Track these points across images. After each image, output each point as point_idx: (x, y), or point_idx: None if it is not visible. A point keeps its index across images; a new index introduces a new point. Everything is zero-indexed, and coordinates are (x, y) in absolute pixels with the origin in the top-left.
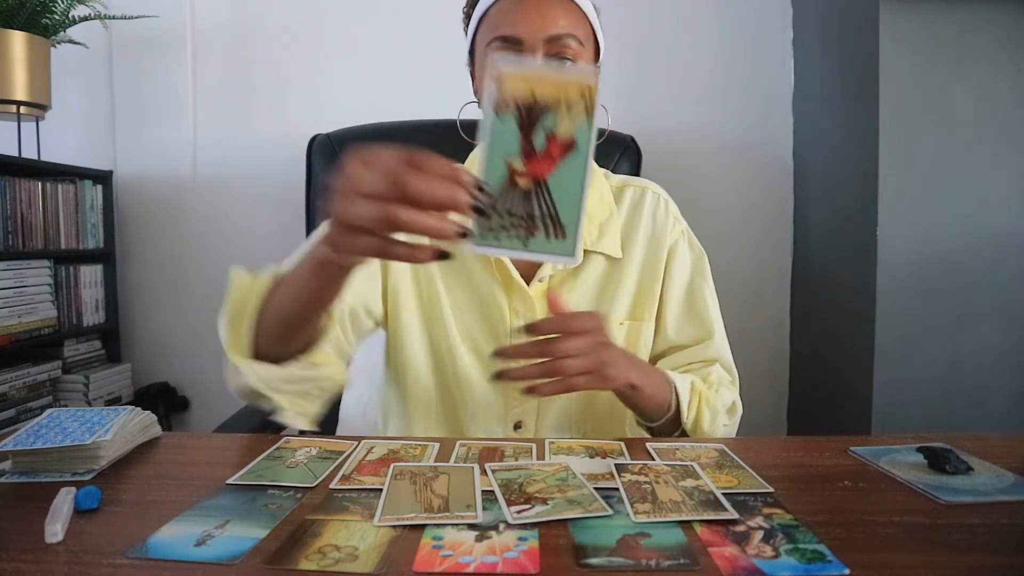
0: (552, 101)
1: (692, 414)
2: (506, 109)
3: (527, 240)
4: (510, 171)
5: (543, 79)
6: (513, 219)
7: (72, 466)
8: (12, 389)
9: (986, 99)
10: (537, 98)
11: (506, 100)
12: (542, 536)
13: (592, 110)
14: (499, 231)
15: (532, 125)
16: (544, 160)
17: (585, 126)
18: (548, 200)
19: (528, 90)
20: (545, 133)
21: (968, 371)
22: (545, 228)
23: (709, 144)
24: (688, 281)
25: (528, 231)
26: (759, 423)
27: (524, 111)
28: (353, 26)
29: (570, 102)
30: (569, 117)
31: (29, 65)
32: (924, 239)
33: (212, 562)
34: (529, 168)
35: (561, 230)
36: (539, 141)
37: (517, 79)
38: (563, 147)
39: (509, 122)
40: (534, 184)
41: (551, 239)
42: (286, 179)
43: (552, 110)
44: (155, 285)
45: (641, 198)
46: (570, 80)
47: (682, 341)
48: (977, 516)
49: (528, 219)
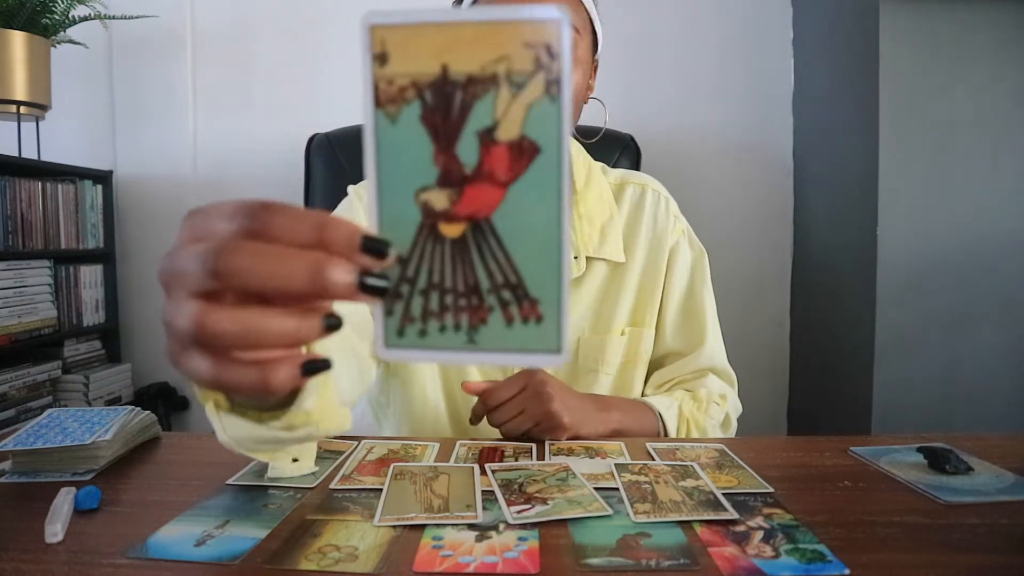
0: (483, 74)
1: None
2: (400, 102)
3: (474, 331)
4: (425, 212)
5: (460, 33)
6: (444, 297)
7: (72, 466)
8: (12, 389)
9: (986, 99)
10: (452, 72)
11: (398, 86)
12: (542, 536)
13: (560, 76)
14: (422, 320)
15: (452, 124)
16: (482, 185)
17: (551, 110)
18: (500, 255)
19: (435, 59)
20: (477, 136)
21: (968, 371)
22: (502, 306)
23: (709, 143)
24: (687, 284)
25: (473, 315)
26: (759, 423)
27: (432, 100)
28: (352, 26)
29: (516, 70)
30: (517, 99)
31: (29, 65)
32: (924, 239)
33: (212, 562)
34: (458, 204)
35: (531, 305)
36: (468, 152)
37: (411, 39)
38: (513, 156)
39: (410, 125)
40: (470, 230)
41: (516, 324)
42: (285, 178)
43: (485, 90)
44: (155, 285)
45: (642, 197)
46: (512, 27)
47: (677, 347)
48: (977, 516)
49: (470, 294)
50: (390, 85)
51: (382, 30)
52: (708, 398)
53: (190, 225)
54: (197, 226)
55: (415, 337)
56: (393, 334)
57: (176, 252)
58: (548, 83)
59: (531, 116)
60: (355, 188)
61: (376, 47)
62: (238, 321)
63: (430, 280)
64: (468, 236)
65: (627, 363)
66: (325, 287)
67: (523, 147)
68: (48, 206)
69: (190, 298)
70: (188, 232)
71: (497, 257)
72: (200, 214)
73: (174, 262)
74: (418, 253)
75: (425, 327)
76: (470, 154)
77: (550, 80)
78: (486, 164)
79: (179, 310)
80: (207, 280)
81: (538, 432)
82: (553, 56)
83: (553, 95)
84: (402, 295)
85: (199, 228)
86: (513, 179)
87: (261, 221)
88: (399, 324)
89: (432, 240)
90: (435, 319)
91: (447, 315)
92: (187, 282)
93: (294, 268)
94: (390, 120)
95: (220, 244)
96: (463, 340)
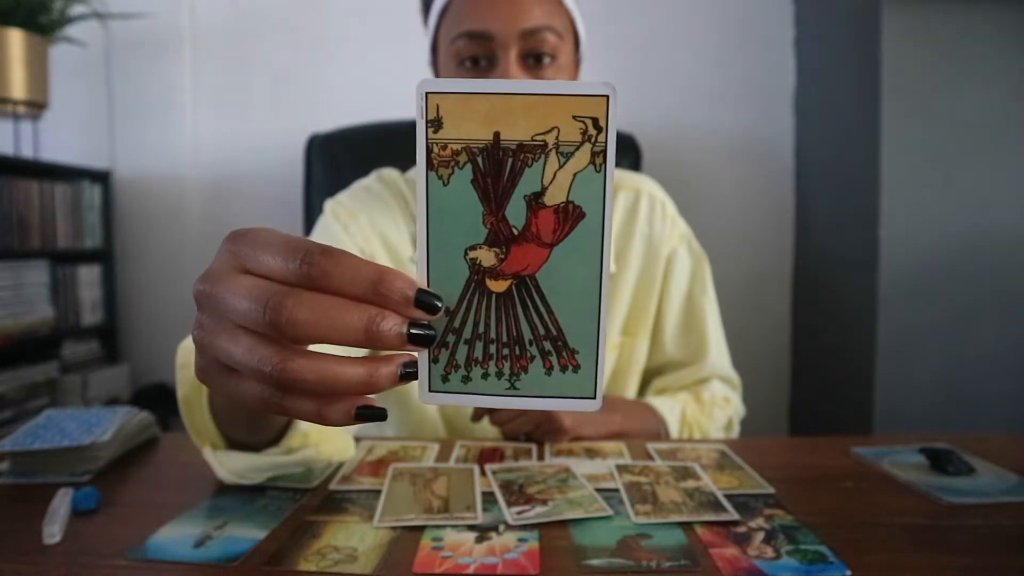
0: (532, 143)
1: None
2: (452, 166)
3: (515, 378)
4: (473, 269)
5: (511, 104)
6: (488, 346)
7: (70, 467)
8: (10, 390)
9: (989, 98)
10: (505, 140)
11: (451, 150)
12: (542, 537)
13: (605, 148)
14: (466, 367)
15: (502, 188)
16: (529, 246)
17: (596, 179)
18: (543, 309)
19: (487, 127)
20: (525, 199)
21: (971, 371)
22: (543, 356)
23: (711, 143)
24: (687, 292)
25: (515, 363)
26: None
27: (485, 165)
28: (352, 25)
29: (565, 140)
30: (564, 168)
31: (27, 64)
32: (926, 238)
33: (211, 563)
34: (505, 262)
35: (570, 356)
36: (516, 215)
37: (465, 107)
38: (559, 220)
39: (461, 187)
40: (515, 287)
41: (554, 372)
42: (284, 178)
43: (534, 158)
44: (154, 285)
45: (635, 203)
46: (562, 101)
47: (678, 356)
48: (979, 517)
49: (513, 344)
50: (443, 150)
51: (437, 97)
52: (712, 401)
53: (234, 251)
54: (244, 255)
55: (458, 383)
56: (438, 380)
57: (221, 280)
58: (594, 154)
59: (577, 183)
60: (332, 207)
61: (431, 113)
62: (316, 371)
63: (475, 331)
64: (513, 291)
65: (619, 372)
66: (378, 340)
67: (569, 212)
68: (46, 205)
69: (245, 333)
70: (233, 259)
71: (540, 311)
72: (246, 243)
73: (219, 290)
74: (465, 306)
75: (469, 374)
76: (518, 216)
77: (596, 151)
78: (533, 226)
79: (234, 341)
80: (265, 327)
81: (539, 434)
82: (599, 129)
83: (598, 165)
84: (448, 344)
85: (247, 258)
86: (558, 241)
87: (321, 269)
88: (443, 371)
89: (479, 294)
90: (479, 366)
91: (490, 363)
92: (239, 318)
93: (351, 323)
94: (442, 182)
95: (280, 293)
96: (504, 386)
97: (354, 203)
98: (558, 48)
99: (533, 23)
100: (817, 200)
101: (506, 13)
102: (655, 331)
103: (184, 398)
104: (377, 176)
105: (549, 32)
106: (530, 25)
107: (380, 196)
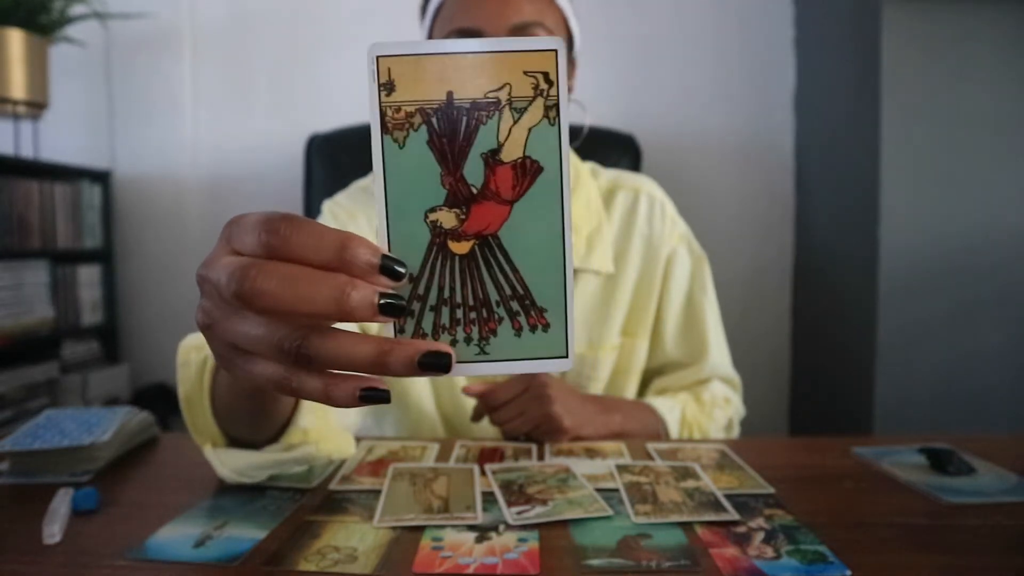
0: (486, 100)
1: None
2: (407, 128)
3: (484, 342)
4: (434, 231)
5: (463, 63)
6: (454, 311)
7: (70, 467)
8: (10, 390)
9: (989, 98)
10: (458, 99)
11: (404, 112)
12: (542, 537)
13: (558, 101)
14: (433, 335)
15: (458, 148)
16: (489, 204)
17: (550, 132)
18: (507, 268)
19: (440, 87)
20: (483, 157)
21: (971, 370)
22: (511, 316)
23: (710, 143)
24: (687, 293)
25: (484, 327)
26: (760, 423)
27: (440, 125)
28: (352, 25)
29: (518, 96)
30: (519, 123)
31: (26, 63)
32: (926, 238)
33: (211, 563)
34: (466, 222)
35: (539, 315)
36: (474, 173)
37: (416, 69)
38: (517, 176)
39: (417, 149)
40: (478, 247)
41: (524, 333)
42: (285, 178)
43: (489, 115)
44: (154, 285)
45: (634, 204)
46: (513, 57)
47: (678, 357)
48: (979, 517)
49: (480, 307)
50: (397, 112)
51: (388, 60)
52: (712, 402)
53: (227, 235)
54: (232, 236)
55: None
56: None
57: (212, 261)
58: (547, 108)
59: (532, 138)
60: (331, 208)
61: (383, 76)
62: (333, 347)
63: (440, 296)
64: (476, 252)
65: (618, 373)
66: (348, 311)
67: (526, 167)
68: (46, 206)
69: (253, 313)
70: (225, 243)
71: (505, 270)
72: (235, 224)
73: (209, 271)
74: (428, 271)
75: (437, 341)
76: (476, 175)
77: (548, 105)
78: (491, 184)
79: (251, 324)
80: (232, 299)
81: (539, 434)
82: (551, 83)
83: (551, 118)
84: (413, 312)
85: (234, 239)
86: (518, 197)
87: (282, 236)
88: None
89: (442, 257)
90: (447, 333)
91: (458, 328)
92: (221, 295)
93: (318, 292)
94: (398, 145)
95: (245, 265)
96: (475, 352)
97: (352, 204)
98: None
99: (521, 19)
100: (817, 199)
101: (495, 10)
102: (655, 331)
103: (185, 396)
104: None
105: (539, 28)
106: (519, 21)
107: None
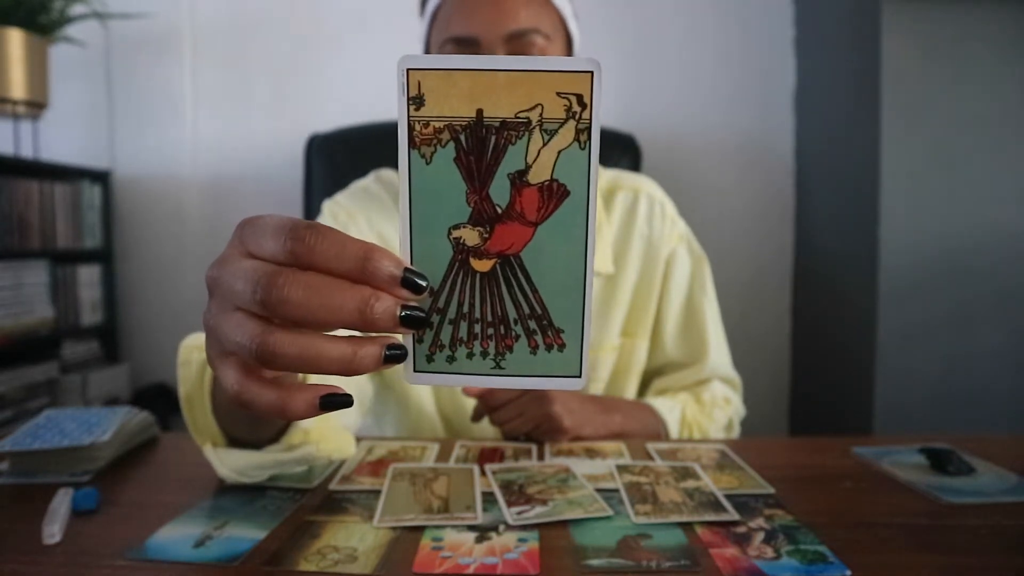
0: (516, 120)
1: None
2: (435, 144)
3: (500, 357)
4: (457, 248)
5: (494, 80)
6: (472, 326)
7: (70, 467)
8: (10, 390)
9: (989, 98)
10: (488, 118)
11: (433, 128)
12: (542, 537)
13: (590, 125)
14: (451, 348)
15: (485, 167)
16: (513, 224)
17: (580, 156)
18: (527, 289)
19: (470, 104)
20: (509, 177)
21: (971, 371)
22: (528, 335)
23: (711, 143)
24: (687, 293)
25: (500, 343)
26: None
27: (467, 143)
28: (352, 25)
29: (549, 118)
30: (549, 145)
31: (26, 63)
32: (926, 238)
33: (211, 563)
34: (490, 241)
35: (555, 335)
36: (499, 193)
37: (447, 84)
38: (543, 198)
39: (444, 165)
40: (500, 266)
41: (540, 352)
42: (285, 178)
43: (518, 136)
44: (154, 284)
45: (634, 204)
46: (546, 77)
47: (678, 358)
48: (979, 517)
49: (498, 324)
50: (426, 128)
51: (419, 74)
52: (712, 402)
53: (241, 236)
54: (247, 239)
55: (443, 363)
56: (423, 361)
57: (227, 263)
58: (578, 131)
59: (561, 161)
60: (331, 208)
61: (412, 90)
62: (298, 345)
63: (460, 310)
64: (497, 271)
65: (618, 373)
66: (372, 322)
67: (553, 190)
68: (46, 205)
69: (240, 312)
70: (239, 244)
71: (525, 290)
72: (251, 226)
73: (224, 273)
74: (449, 286)
75: (454, 354)
76: (502, 195)
77: (580, 128)
78: (517, 204)
79: (233, 321)
80: (258, 307)
81: (539, 434)
82: (584, 106)
83: (582, 142)
84: (432, 324)
85: (249, 242)
86: (542, 219)
87: (307, 245)
88: (428, 351)
89: (463, 274)
90: (463, 346)
91: (475, 343)
92: (236, 299)
93: (343, 303)
94: (425, 161)
95: (271, 273)
96: (490, 366)
97: (352, 204)
98: (546, 50)
99: (518, 26)
100: (817, 200)
101: (491, 17)
102: (655, 332)
103: (186, 395)
104: (375, 177)
105: (536, 35)
106: (515, 28)
107: (378, 197)
